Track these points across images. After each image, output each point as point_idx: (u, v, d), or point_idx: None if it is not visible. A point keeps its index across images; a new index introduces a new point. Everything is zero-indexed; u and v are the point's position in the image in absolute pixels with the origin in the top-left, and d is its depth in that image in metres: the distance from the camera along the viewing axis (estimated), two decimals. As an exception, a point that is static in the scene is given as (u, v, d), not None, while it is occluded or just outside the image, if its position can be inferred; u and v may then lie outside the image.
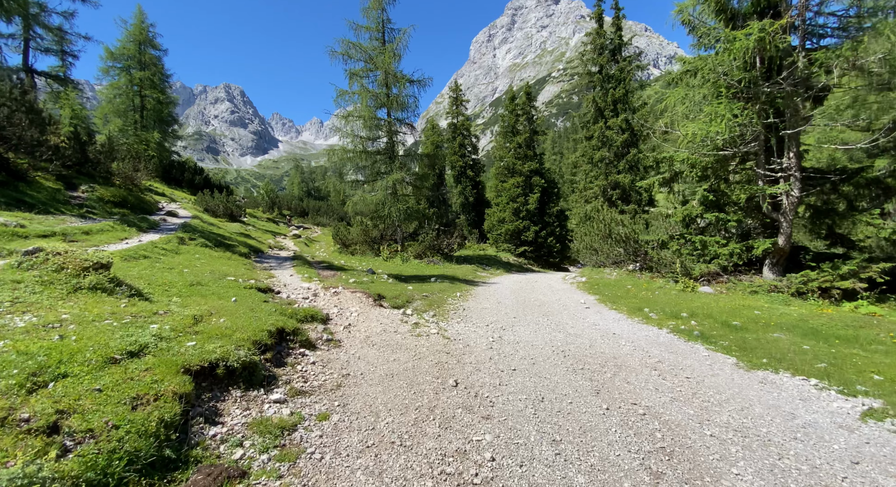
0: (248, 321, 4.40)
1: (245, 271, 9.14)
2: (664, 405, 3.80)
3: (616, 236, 14.70)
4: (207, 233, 12.40)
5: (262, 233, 26.97)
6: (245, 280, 7.78)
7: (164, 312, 4.15)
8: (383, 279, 12.17)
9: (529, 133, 29.59)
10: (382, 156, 23.07)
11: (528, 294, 11.62)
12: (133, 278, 5.56)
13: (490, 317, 7.59)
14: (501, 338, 5.97)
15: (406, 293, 9.38)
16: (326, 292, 7.67)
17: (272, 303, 5.89)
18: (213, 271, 7.92)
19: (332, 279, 10.45)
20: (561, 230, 29.44)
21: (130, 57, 38.83)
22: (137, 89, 38.70)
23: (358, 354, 4.83)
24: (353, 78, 21.97)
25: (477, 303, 9.47)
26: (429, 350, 5.17)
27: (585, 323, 7.23)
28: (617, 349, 5.53)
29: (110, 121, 38.54)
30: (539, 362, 4.94)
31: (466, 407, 3.60)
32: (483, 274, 19.94)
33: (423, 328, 6.17)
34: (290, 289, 7.87)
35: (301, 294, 7.48)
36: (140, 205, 15.84)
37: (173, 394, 2.60)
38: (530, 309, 8.67)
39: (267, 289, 7.20)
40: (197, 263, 8.62)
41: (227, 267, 9.12)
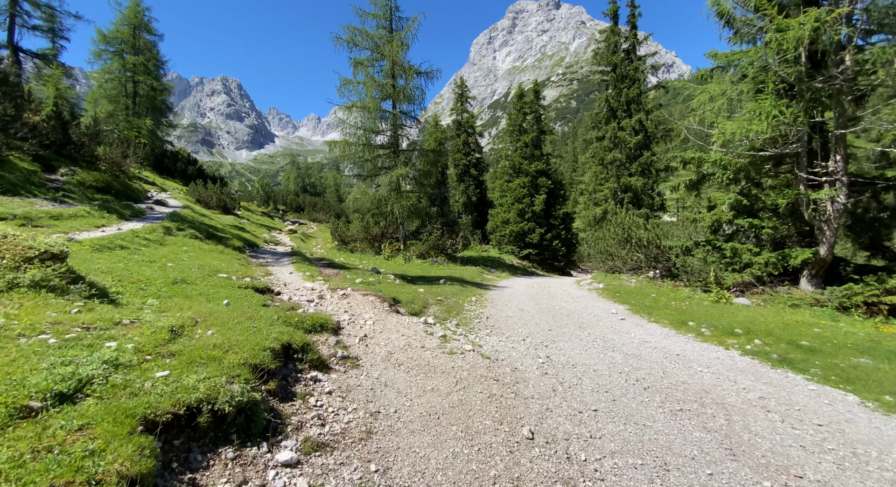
0: (244, 334, 3.36)
1: (239, 267, 8.08)
2: (837, 476, 2.78)
3: (636, 241, 13.83)
4: (198, 224, 11.29)
5: (257, 227, 25.78)
6: (239, 277, 6.74)
7: (130, 321, 3.12)
8: (390, 279, 11.14)
9: (537, 132, 28.69)
10: (386, 151, 22.02)
11: (549, 300, 10.66)
12: (99, 273, 4.50)
13: (521, 329, 6.61)
14: (550, 359, 4.98)
15: (419, 296, 8.37)
16: (333, 294, 6.65)
17: (273, 308, 4.86)
18: (203, 266, 6.86)
19: (337, 278, 9.41)
20: (567, 233, 28.56)
21: (124, 41, 37.32)
22: (130, 75, 37.18)
23: (383, 378, 3.82)
24: (358, 67, 20.91)
25: (498, 311, 8.49)
26: (471, 374, 4.17)
27: (633, 339, 6.29)
28: (698, 378, 4.55)
29: (101, 106, 36.98)
30: (619, 398, 3.92)
31: (566, 483, 2.57)
32: (489, 276, 18.98)
33: (453, 342, 5.17)
34: (292, 290, 6.84)
35: (305, 296, 6.49)
36: (126, 192, 14.65)
37: (120, 480, 1.57)
38: (560, 320, 7.71)
39: (265, 289, 6.16)
40: (184, 256, 7.55)
41: (218, 261, 8.06)
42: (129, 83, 37.56)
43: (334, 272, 10.52)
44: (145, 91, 38.24)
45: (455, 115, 34.29)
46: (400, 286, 10.07)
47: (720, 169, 11.98)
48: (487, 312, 8.22)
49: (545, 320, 7.57)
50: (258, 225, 27.71)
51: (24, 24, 26.21)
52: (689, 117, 13.66)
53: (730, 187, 13.13)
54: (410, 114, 21.88)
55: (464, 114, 34.37)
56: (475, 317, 7.42)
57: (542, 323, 7.25)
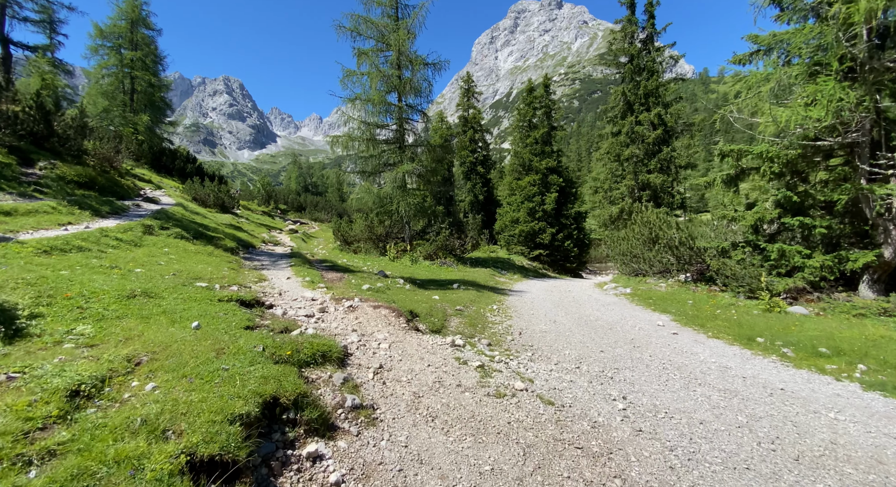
0: (206, 386, 2.19)
1: (228, 272, 6.95)
2: None
3: (667, 241, 12.66)
4: (186, 223, 10.17)
5: (256, 227, 24.69)
6: (225, 285, 5.61)
7: (7, 377, 1.94)
8: (399, 284, 9.99)
9: (547, 128, 27.53)
10: (391, 146, 20.88)
11: (577, 308, 9.49)
12: (24, 285, 3.37)
13: (567, 350, 5.46)
14: (631, 403, 3.75)
15: (436, 307, 7.23)
16: (338, 306, 5.52)
17: (259, 331, 3.68)
18: (182, 272, 5.74)
19: (341, 284, 8.27)
20: (579, 233, 27.38)
21: (121, 36, 36.29)
22: (128, 71, 36.13)
23: (414, 446, 2.65)
24: (363, 57, 19.76)
25: (528, 323, 7.33)
26: (539, 436, 2.95)
27: (706, 363, 5.12)
28: (844, 433, 3.28)
29: (96, 102, 35.99)
30: (774, 481, 2.73)
31: None
32: (502, 279, 17.81)
33: (496, 376, 3.98)
34: (288, 301, 5.72)
35: (303, 309, 5.37)
36: (112, 188, 13.54)
37: None
38: (605, 336, 6.54)
39: (254, 302, 5.01)
40: (162, 260, 6.44)
41: (204, 265, 6.95)
42: (126, 79, 36.52)
43: (338, 276, 9.37)
44: (143, 87, 37.18)
45: (461, 111, 33.15)
46: (412, 292, 8.92)
47: (766, 162, 10.79)
48: (516, 325, 7.07)
49: (588, 336, 6.40)
50: (257, 224, 26.63)
51: (15, 15, 25.15)
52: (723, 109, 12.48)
53: (772, 183, 11.95)
54: (417, 107, 20.74)
55: (470, 109, 33.22)
56: (505, 332, 6.27)
57: (587, 340, 6.09)
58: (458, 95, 34.07)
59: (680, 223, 12.98)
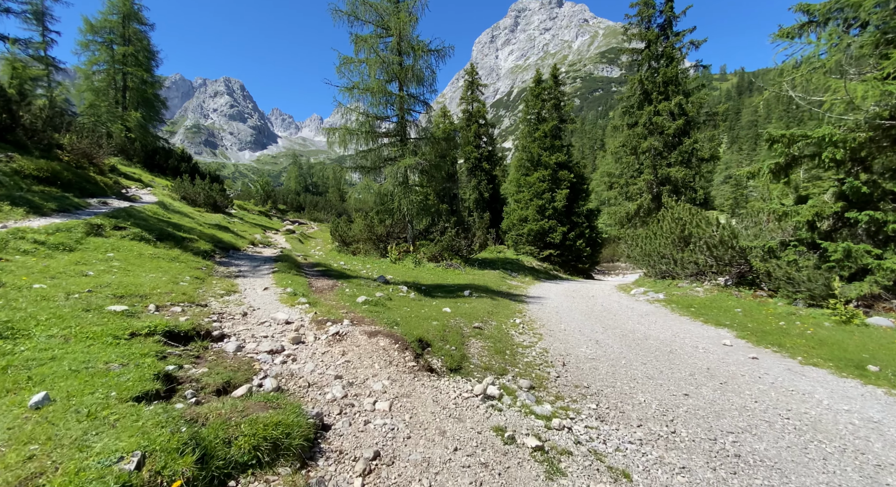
0: None
1: (186, 284, 5.50)
2: None
3: (706, 240, 11.15)
4: (153, 222, 8.72)
5: (250, 227, 23.28)
6: (165, 305, 4.14)
7: None
8: (402, 292, 8.53)
9: (557, 121, 26.04)
10: (392, 139, 19.43)
11: (613, 320, 8.00)
12: None
13: (641, 395, 3.94)
14: None
15: (449, 323, 5.76)
16: (320, 332, 4.06)
17: (164, 407, 1.98)
18: (109, 286, 4.31)
19: (331, 295, 6.81)
20: (591, 232, 25.86)
21: (113, 30, 34.97)
22: (120, 67, 34.83)
23: None
24: (361, 44, 18.30)
25: (566, 345, 5.85)
26: None
27: (842, 414, 3.61)
28: None
29: (87, 98, 34.75)
30: None
31: None
32: (514, 282, 16.33)
33: (569, 469, 2.41)
34: (253, 325, 4.26)
35: (270, 339, 3.93)
36: (81, 184, 12.13)
37: None
38: (672, 365, 5.05)
39: (194, 333, 3.43)
40: (93, 268, 5.04)
41: (156, 274, 5.53)
42: (118, 75, 35.21)
43: (329, 284, 7.90)
44: (135, 84, 35.87)
45: (464, 105, 31.66)
46: (417, 303, 7.45)
47: (828, 147, 9.27)
48: (552, 348, 5.59)
49: (651, 365, 4.92)
50: (252, 224, 25.23)
51: (-5, 5, 23.75)
52: (772, 86, 10.97)
53: (828, 173, 10.44)
54: (419, 97, 19.27)
55: (474, 103, 31.72)
56: (544, 363, 4.80)
57: (654, 373, 4.62)
58: (462, 89, 32.60)
59: (721, 219, 11.46)
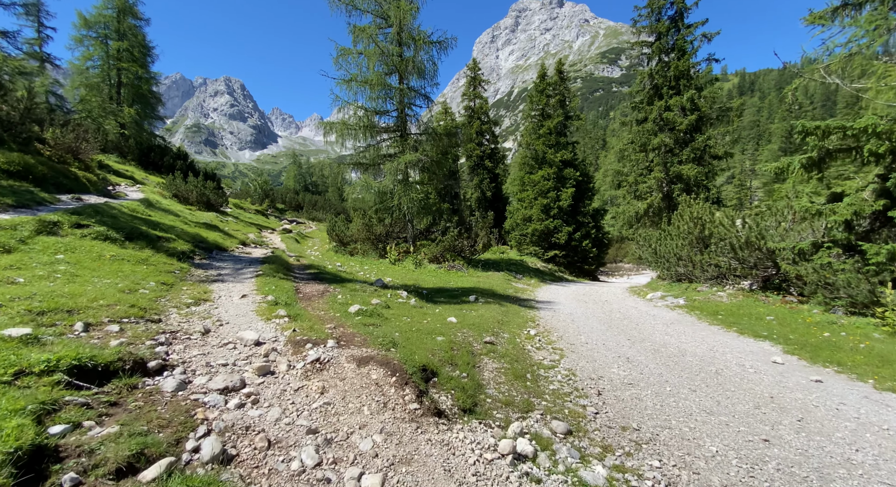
0: None
1: (146, 294, 4.63)
2: None
3: (732, 241, 10.29)
4: (125, 220, 7.85)
5: (244, 226, 22.47)
6: (100, 323, 3.28)
7: None
8: (401, 298, 7.68)
9: (562, 117, 25.18)
10: (392, 134, 18.59)
11: (638, 331, 7.15)
12: None
13: (709, 443, 3.08)
14: None
15: (456, 338, 4.91)
16: (296, 358, 3.18)
17: None
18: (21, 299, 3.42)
19: (320, 303, 5.96)
20: (597, 232, 25.01)
21: (107, 25, 34.18)
22: (114, 63, 34.06)
23: None
24: (359, 35, 17.43)
25: (594, 365, 5.00)
26: None
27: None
28: None
29: (84, 97, 34.02)
30: None
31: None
32: (519, 285, 15.47)
33: None
34: (212, 348, 3.39)
35: (228, 370, 3.07)
36: (57, 179, 11.28)
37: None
38: (725, 392, 4.20)
39: (115, 368, 2.46)
40: (29, 273, 4.21)
41: (112, 279, 4.68)
42: (112, 71, 34.40)
43: (319, 290, 7.04)
44: (130, 79, 35.08)
45: (467, 101, 30.81)
46: (419, 311, 6.60)
47: (871, 139, 8.42)
48: (580, 369, 4.75)
49: (702, 392, 4.08)
50: (247, 223, 24.42)
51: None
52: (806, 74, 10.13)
53: (868, 168, 9.61)
54: (420, 91, 18.40)
55: (476, 99, 30.87)
56: (574, 392, 3.97)
57: (710, 403, 3.77)
58: (464, 87, 31.77)
59: (746, 218, 10.61)
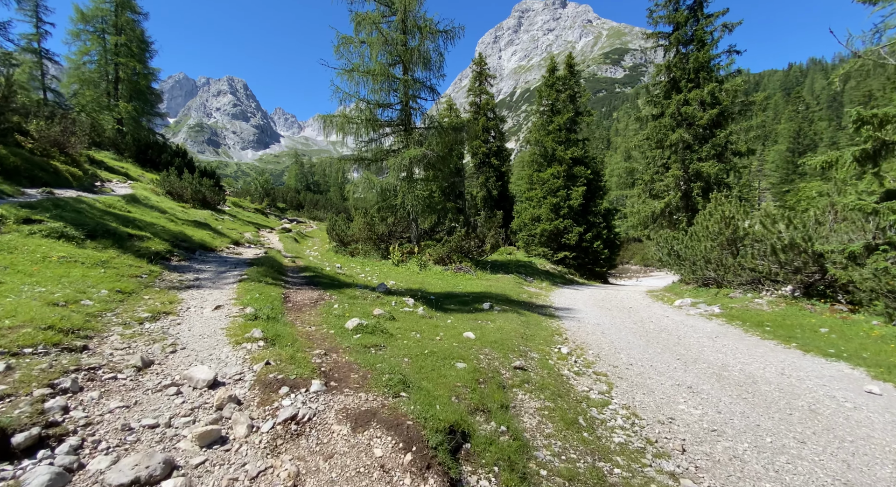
0: None
1: (89, 306, 3.64)
2: None
3: (773, 243, 9.24)
4: (92, 216, 6.87)
5: (241, 225, 21.54)
6: None
7: None
8: (408, 306, 6.69)
9: (572, 113, 24.14)
10: (395, 128, 17.61)
11: (684, 348, 6.13)
12: None
13: None
14: None
15: (479, 365, 3.92)
16: (264, 412, 2.12)
17: None
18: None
19: (311, 315, 4.98)
20: (608, 232, 23.95)
21: (105, 19, 33.37)
22: (112, 57, 33.27)
23: None
24: (361, 23, 16.46)
25: (654, 400, 4.01)
26: None
27: None
28: None
29: (77, 92, 33.29)
30: None
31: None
32: (532, 289, 14.46)
33: None
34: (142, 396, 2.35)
35: (151, 438, 2.11)
36: (32, 172, 10.35)
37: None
38: (855, 448, 3.21)
39: None
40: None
41: (39, 290, 3.72)
42: (109, 66, 33.60)
43: (313, 298, 6.05)
44: (128, 75, 34.24)
45: (472, 97, 29.83)
46: (429, 323, 5.61)
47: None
48: (640, 406, 3.76)
49: (817, 446, 3.10)
50: (245, 222, 23.51)
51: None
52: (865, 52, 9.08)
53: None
54: (425, 82, 17.41)
55: (482, 95, 29.88)
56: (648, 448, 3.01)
57: (841, 470, 2.80)
58: (469, 80, 30.77)
59: (792, 219, 9.55)
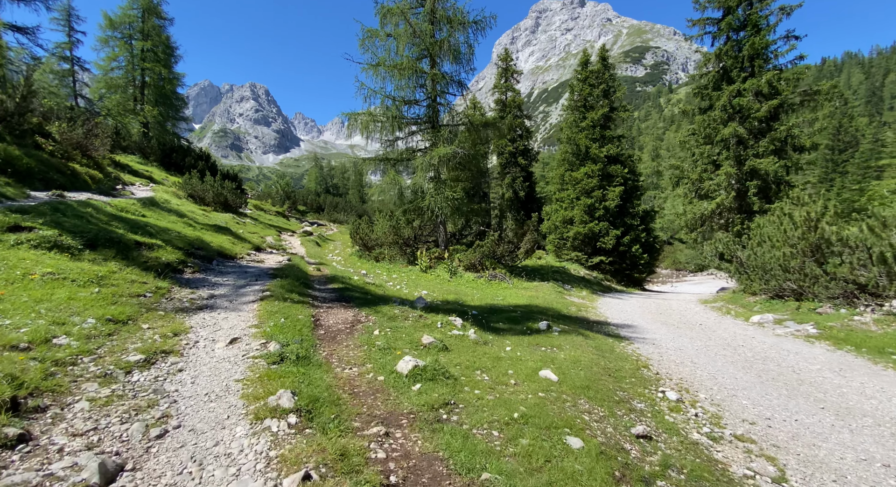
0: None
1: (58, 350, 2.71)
2: None
3: (881, 250, 7.74)
4: (97, 221, 6.02)
5: (263, 229, 20.95)
6: None
7: None
8: (455, 328, 5.59)
9: (607, 108, 22.66)
10: (422, 126, 16.60)
11: (821, 391, 4.80)
12: None
13: None
14: None
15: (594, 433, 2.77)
16: None
17: None
18: None
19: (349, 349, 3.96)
20: (647, 235, 22.32)
21: (132, 25, 33.78)
22: (138, 63, 33.66)
23: None
24: (388, 16, 15.53)
25: None
26: None
27: None
28: None
29: (104, 96, 33.82)
30: None
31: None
32: (575, 299, 13.15)
33: None
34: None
35: None
36: (46, 174, 9.76)
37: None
38: None
39: None
40: None
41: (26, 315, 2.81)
42: (136, 71, 34.02)
43: (346, 321, 5.02)
44: (154, 80, 34.56)
45: (498, 94, 28.63)
46: (489, 355, 4.50)
47: None
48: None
49: None
50: (266, 226, 22.96)
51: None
52: None
53: None
54: (454, 77, 16.35)
55: (509, 92, 28.66)
56: None
57: None
58: (495, 78, 29.62)
59: None
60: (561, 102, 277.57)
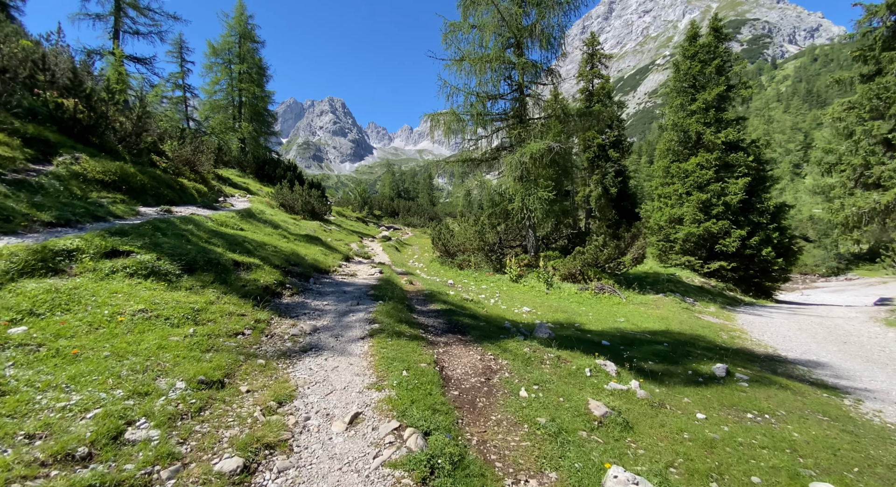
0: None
1: (130, 443, 1.92)
2: None
3: None
4: (197, 240, 5.62)
5: (347, 235, 21.14)
6: None
7: None
8: (613, 380, 4.13)
9: (723, 87, 19.18)
10: (510, 121, 15.18)
11: None
12: None
13: None
14: None
15: None
16: None
17: None
18: None
19: (504, 432, 2.66)
20: (780, 235, 18.40)
21: (230, 51, 37.24)
22: (236, 84, 37.03)
23: None
24: (472, 7, 14.37)
25: None
26: None
27: None
28: None
29: (209, 117, 37.72)
30: None
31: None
32: (713, 319, 10.74)
33: None
34: None
35: None
36: (158, 189, 10.20)
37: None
38: None
39: None
40: None
41: (59, 405, 2.08)
42: (234, 92, 37.47)
43: (476, 370, 3.84)
44: (248, 99, 37.77)
45: (584, 82, 26.10)
46: (680, 430, 2.98)
47: None
48: None
49: None
50: (349, 231, 23.29)
51: (128, 29, 25.53)
52: None
53: None
54: (543, 65, 14.68)
55: (596, 79, 25.99)
56: None
57: None
58: (580, 64, 27.12)
59: None
60: (639, 90, 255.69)
